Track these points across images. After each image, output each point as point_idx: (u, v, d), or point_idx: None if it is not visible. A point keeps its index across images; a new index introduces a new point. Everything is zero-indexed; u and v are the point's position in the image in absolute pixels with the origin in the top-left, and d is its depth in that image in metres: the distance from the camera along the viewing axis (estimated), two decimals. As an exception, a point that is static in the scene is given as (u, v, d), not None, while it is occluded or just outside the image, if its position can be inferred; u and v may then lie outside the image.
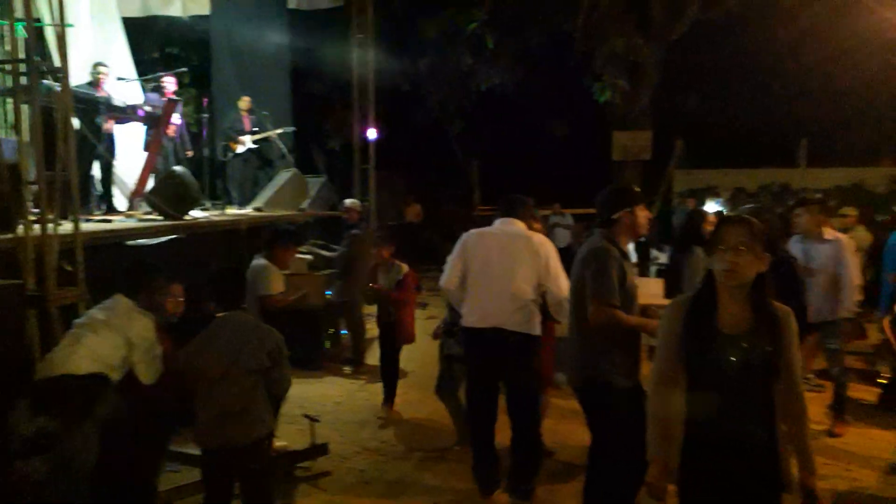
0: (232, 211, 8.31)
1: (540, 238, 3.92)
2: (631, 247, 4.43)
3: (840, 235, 5.11)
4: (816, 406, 5.11)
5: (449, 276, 3.98)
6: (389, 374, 5.74)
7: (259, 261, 4.81)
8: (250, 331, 3.15)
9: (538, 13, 11.96)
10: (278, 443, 4.70)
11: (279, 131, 9.22)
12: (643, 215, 3.32)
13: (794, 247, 5.11)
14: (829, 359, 5.12)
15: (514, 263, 3.78)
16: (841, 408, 5.07)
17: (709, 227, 4.68)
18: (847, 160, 14.52)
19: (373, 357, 7.28)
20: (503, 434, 3.98)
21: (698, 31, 12.35)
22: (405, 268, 5.58)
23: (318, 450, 4.53)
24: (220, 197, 9.03)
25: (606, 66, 11.29)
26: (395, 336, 5.61)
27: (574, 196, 12.19)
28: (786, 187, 12.75)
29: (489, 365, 3.87)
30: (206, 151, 9.07)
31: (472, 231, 4.03)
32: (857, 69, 12.95)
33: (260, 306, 4.58)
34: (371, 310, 6.37)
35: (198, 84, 10.91)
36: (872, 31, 9.43)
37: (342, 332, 7.48)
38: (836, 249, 4.93)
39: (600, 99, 11.91)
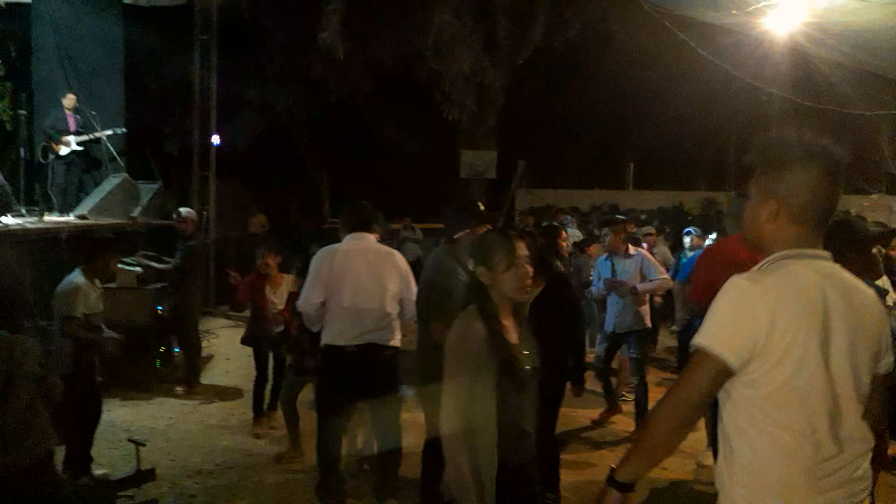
0: (51, 218, 7.61)
1: (399, 253, 4.06)
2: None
3: (644, 251, 5.71)
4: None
5: (309, 296, 3.87)
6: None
7: (73, 276, 4.36)
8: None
9: (390, 28, 12.11)
10: (98, 471, 4.37)
11: (108, 132, 8.58)
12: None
13: (602, 263, 5.69)
14: (632, 367, 5.51)
15: (382, 280, 3.84)
16: (642, 412, 5.39)
17: (563, 243, 5.06)
18: (669, 184, 16.09)
19: (210, 376, 6.96)
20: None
21: (544, 57, 13.11)
22: (292, 279, 5.31)
23: (143, 476, 4.26)
24: (38, 202, 8.23)
25: (454, 85, 11.66)
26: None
27: (424, 210, 12.46)
28: (615, 207, 13.82)
29: (357, 381, 3.83)
30: (22, 152, 8.25)
31: (333, 249, 3.94)
32: (680, 101, 14.38)
33: (60, 326, 4.20)
34: (216, 324, 6.08)
35: (16, 78, 9.87)
36: (693, 67, 10.51)
37: (175, 349, 7.05)
38: (638, 262, 5.48)
39: (448, 117, 12.27)
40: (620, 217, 7.01)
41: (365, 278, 3.81)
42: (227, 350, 7.63)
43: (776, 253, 1.73)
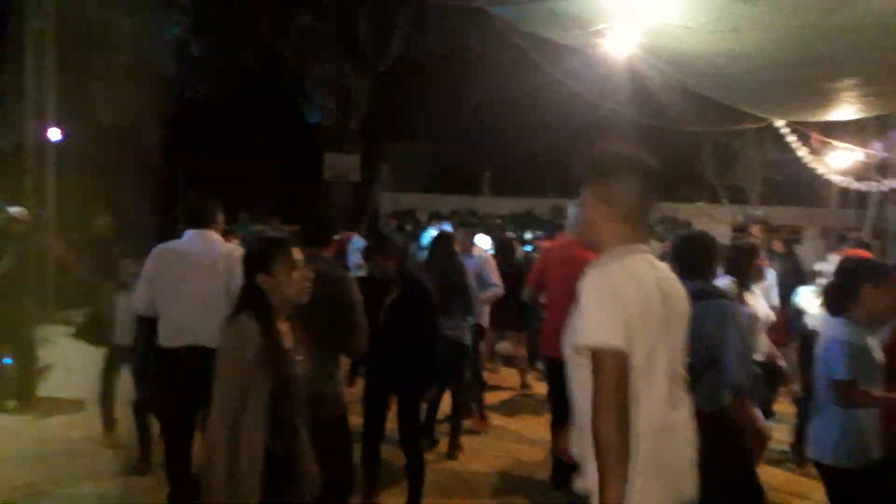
0: None
1: (238, 252, 3.89)
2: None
3: (484, 253, 6.05)
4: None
5: (137, 294, 3.76)
6: None
7: None
8: None
9: (250, 28, 11.80)
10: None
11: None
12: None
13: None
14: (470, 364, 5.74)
15: (214, 279, 3.68)
16: (479, 406, 5.80)
17: (458, 248, 5.34)
18: (522, 191, 16.91)
19: (48, 388, 6.44)
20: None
21: (409, 65, 13.34)
22: None
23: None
24: None
25: (317, 88, 11.58)
26: None
27: (291, 212, 12.21)
28: (473, 212, 14.35)
29: (192, 385, 3.58)
30: None
31: (166, 247, 3.81)
32: (533, 113, 15.18)
33: None
34: (54, 331, 5.64)
35: None
36: (544, 82, 11.12)
37: (5, 360, 6.45)
38: (479, 264, 5.79)
39: (310, 120, 12.16)
40: (498, 221, 7.42)
41: (195, 278, 3.68)
42: (67, 360, 7.08)
43: (612, 249, 1.97)
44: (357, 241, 8.52)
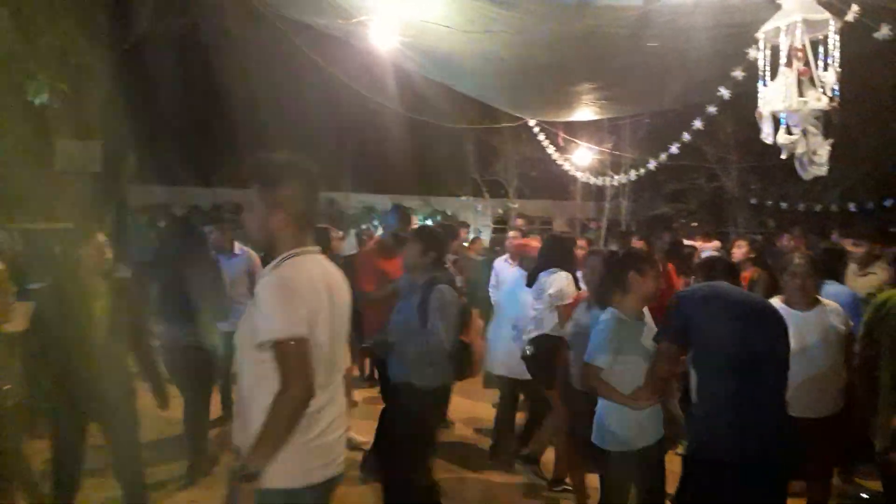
0: None
1: None
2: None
3: (249, 250, 5.78)
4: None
5: None
6: None
7: None
8: None
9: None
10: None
11: None
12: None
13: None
14: None
15: None
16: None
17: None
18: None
19: None
20: None
21: (161, 46, 12.14)
22: None
23: None
24: None
25: (42, 63, 10.01)
26: None
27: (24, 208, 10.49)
28: (239, 206, 13.54)
29: None
30: None
31: None
32: (301, 103, 14.69)
33: None
34: None
35: None
36: (312, 71, 10.75)
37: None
38: (245, 262, 5.55)
39: (35, 100, 10.48)
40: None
41: None
42: None
43: (286, 251, 2.16)
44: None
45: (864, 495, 4.72)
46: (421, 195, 19.52)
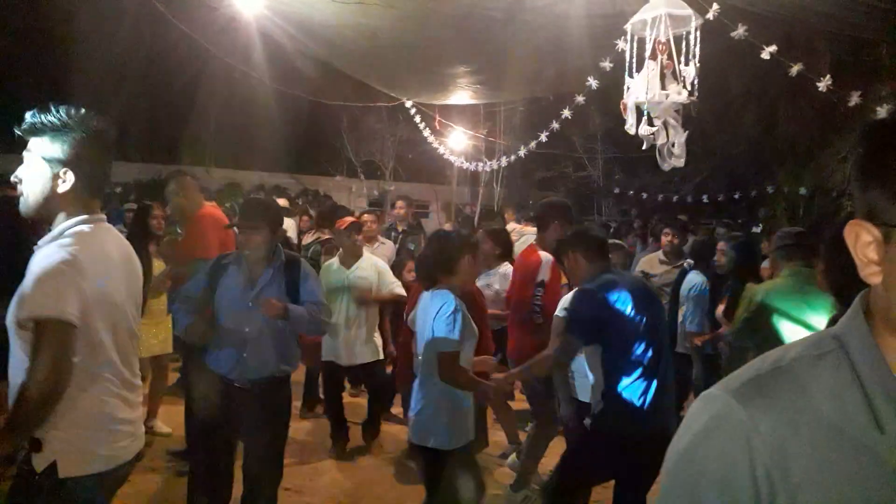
0: None
1: None
2: None
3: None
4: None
5: None
6: None
7: None
8: None
9: None
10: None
11: None
12: None
13: None
14: None
15: None
16: None
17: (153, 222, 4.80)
18: (150, 156, 15.19)
19: None
20: None
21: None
22: None
23: None
24: None
25: None
26: None
27: None
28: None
29: None
30: None
31: None
32: (160, 70, 13.61)
33: None
34: None
35: None
36: (171, 35, 9.93)
37: None
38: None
39: None
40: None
41: None
42: None
43: (70, 219, 1.92)
44: None
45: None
46: (291, 173, 18.83)
